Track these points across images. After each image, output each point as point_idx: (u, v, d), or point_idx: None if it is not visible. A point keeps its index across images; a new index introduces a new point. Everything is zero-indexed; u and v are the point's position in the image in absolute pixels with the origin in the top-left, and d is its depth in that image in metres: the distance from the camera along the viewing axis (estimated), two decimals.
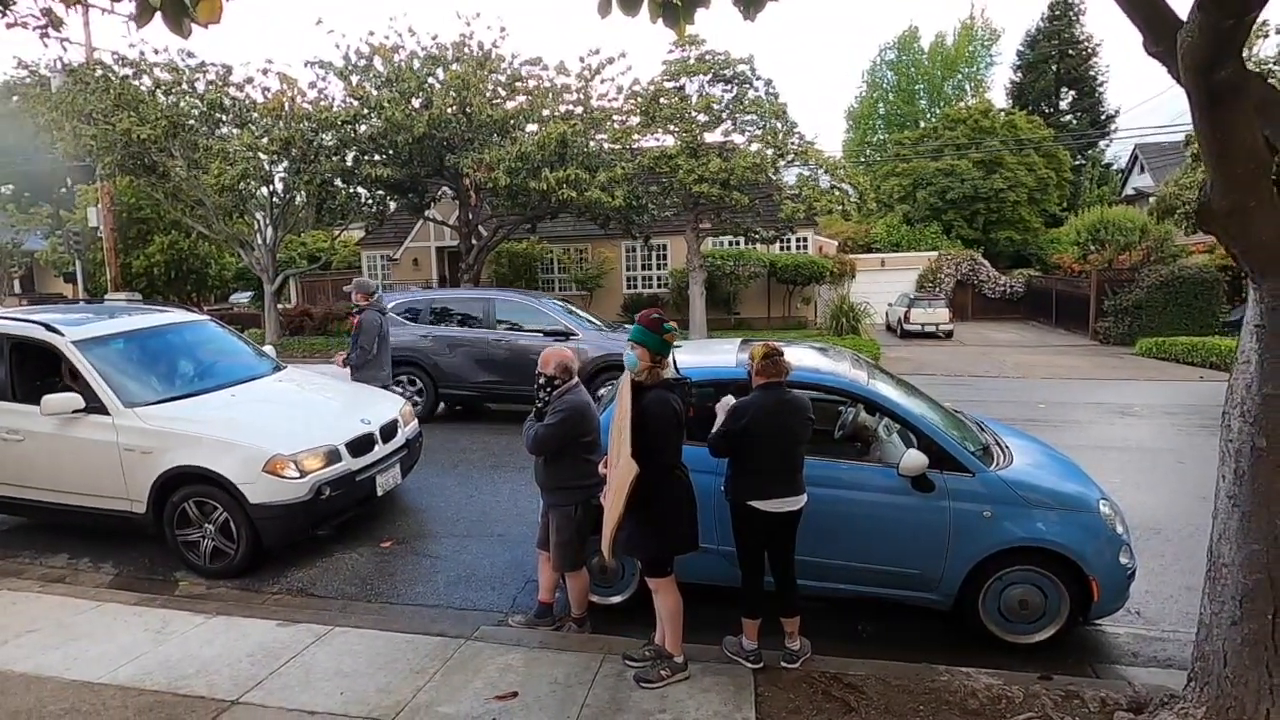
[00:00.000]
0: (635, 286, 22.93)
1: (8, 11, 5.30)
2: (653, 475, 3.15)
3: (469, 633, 3.88)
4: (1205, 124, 2.31)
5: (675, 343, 3.39)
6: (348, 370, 7.04)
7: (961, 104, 35.04)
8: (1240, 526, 2.67)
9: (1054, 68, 36.56)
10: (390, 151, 15.36)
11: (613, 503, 3.12)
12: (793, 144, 15.93)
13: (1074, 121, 36.52)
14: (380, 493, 5.33)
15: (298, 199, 17.74)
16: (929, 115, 39.47)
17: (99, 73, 15.98)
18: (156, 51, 16.36)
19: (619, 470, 3.09)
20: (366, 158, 15.72)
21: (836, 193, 16.45)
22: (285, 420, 5.12)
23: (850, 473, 4.01)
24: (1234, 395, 2.71)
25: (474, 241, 17.84)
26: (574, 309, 10.21)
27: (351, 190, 17.24)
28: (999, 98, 38.38)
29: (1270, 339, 2.55)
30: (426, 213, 18.56)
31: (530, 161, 14.38)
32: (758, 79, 16.30)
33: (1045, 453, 4.59)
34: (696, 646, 3.58)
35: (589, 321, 9.86)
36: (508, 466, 7.13)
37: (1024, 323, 24.89)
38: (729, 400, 3.52)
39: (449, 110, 14.80)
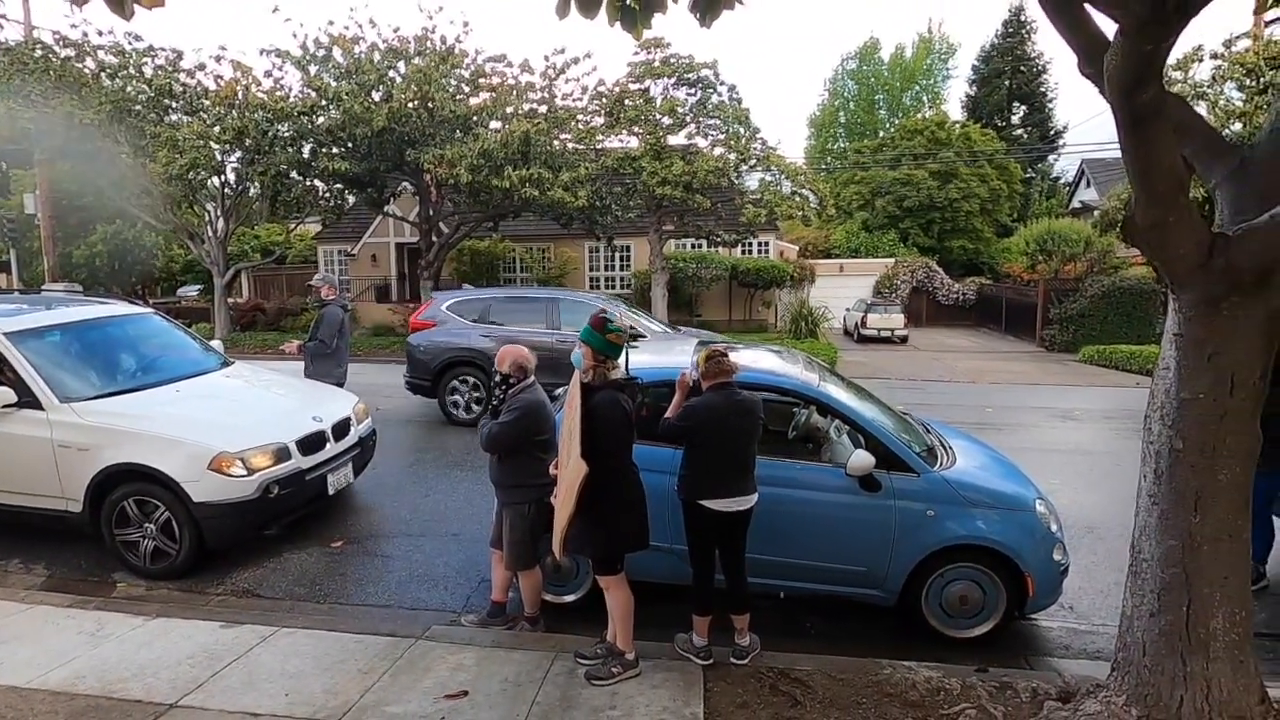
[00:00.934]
0: (598, 287, 22.91)
1: None
2: (602, 474, 3.18)
3: (420, 632, 3.85)
4: (1129, 142, 2.45)
5: (626, 343, 3.42)
6: (301, 363, 6.91)
7: (919, 115, 36.00)
8: (1159, 524, 2.83)
9: (1007, 83, 37.80)
10: (349, 144, 15.10)
11: (563, 502, 3.14)
12: (755, 149, 16.18)
13: (1025, 135, 37.80)
14: (331, 491, 5.23)
15: (251, 190, 17.28)
16: (888, 125, 40.40)
17: (38, 53, 15.31)
18: (101, 34, 15.72)
19: (569, 470, 3.11)
20: (324, 150, 15.41)
21: (797, 198, 16.75)
22: (232, 416, 5.00)
23: (801, 473, 4.10)
24: (1154, 400, 2.86)
25: (435, 239, 17.63)
26: (634, 310, 10.07)
27: (308, 183, 16.87)
28: (955, 110, 39.54)
29: (1187, 346, 2.71)
30: (386, 208, 18.28)
31: (493, 159, 14.29)
32: (721, 84, 16.51)
33: (987, 454, 4.77)
34: (648, 644, 3.62)
35: (654, 323, 9.69)
36: (464, 466, 7.06)
37: (976, 329, 25.66)
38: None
39: (410, 104, 14.61)
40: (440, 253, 17.80)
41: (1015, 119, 38.59)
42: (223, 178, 16.95)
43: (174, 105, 16.24)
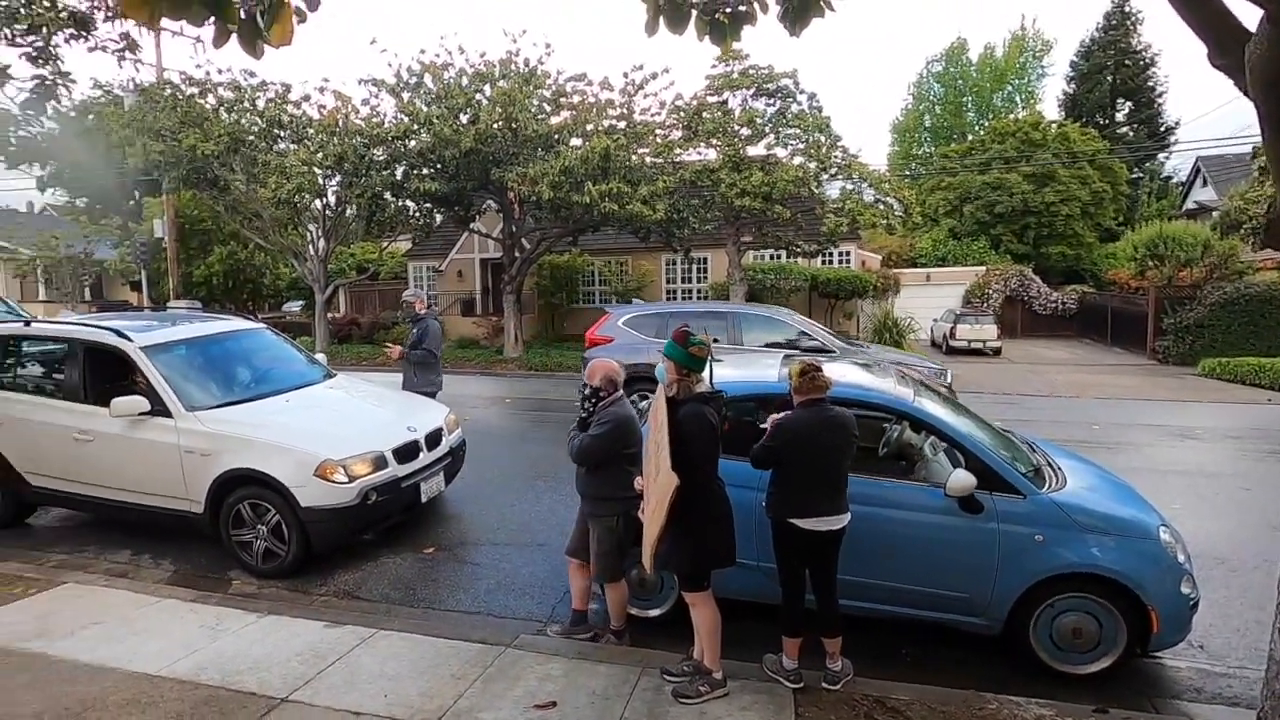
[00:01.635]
0: (675, 299, 22.93)
1: (90, 36, 5.65)
2: (689, 489, 3.14)
3: (508, 640, 3.92)
4: (1275, 138, 2.23)
5: (709, 356, 3.38)
6: (396, 373, 7.24)
7: (1011, 116, 34.28)
8: None
9: (1109, 78, 35.47)
10: (438, 166, 15.76)
11: (653, 515, 3.13)
12: (836, 157, 15.83)
13: (1131, 134, 35.31)
14: (424, 499, 5.44)
15: (349, 212, 18.33)
16: (977, 128, 38.67)
17: (168, 92, 16.82)
18: (220, 71, 17.18)
19: (659, 483, 3.09)
20: (415, 172, 16.18)
21: (881, 207, 16.24)
22: (335, 426, 5.28)
23: (895, 491, 3.93)
24: None
25: (517, 254, 18.13)
26: (814, 323, 9.88)
27: (400, 203, 17.74)
28: (1051, 110, 37.41)
29: None
30: (471, 225, 18.96)
31: (574, 175, 14.59)
32: (801, 93, 16.27)
33: (1100, 476, 4.44)
34: (735, 663, 3.55)
35: (835, 337, 9.49)
36: (547, 477, 7.19)
37: (1076, 340, 24.06)
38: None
39: (495, 125, 15.12)
40: (523, 267, 18.29)
41: (1120, 116, 36.11)
42: (324, 200, 18.08)
43: (282, 134, 17.48)
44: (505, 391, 13.07)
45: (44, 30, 4.75)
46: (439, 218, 19.74)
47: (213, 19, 1.96)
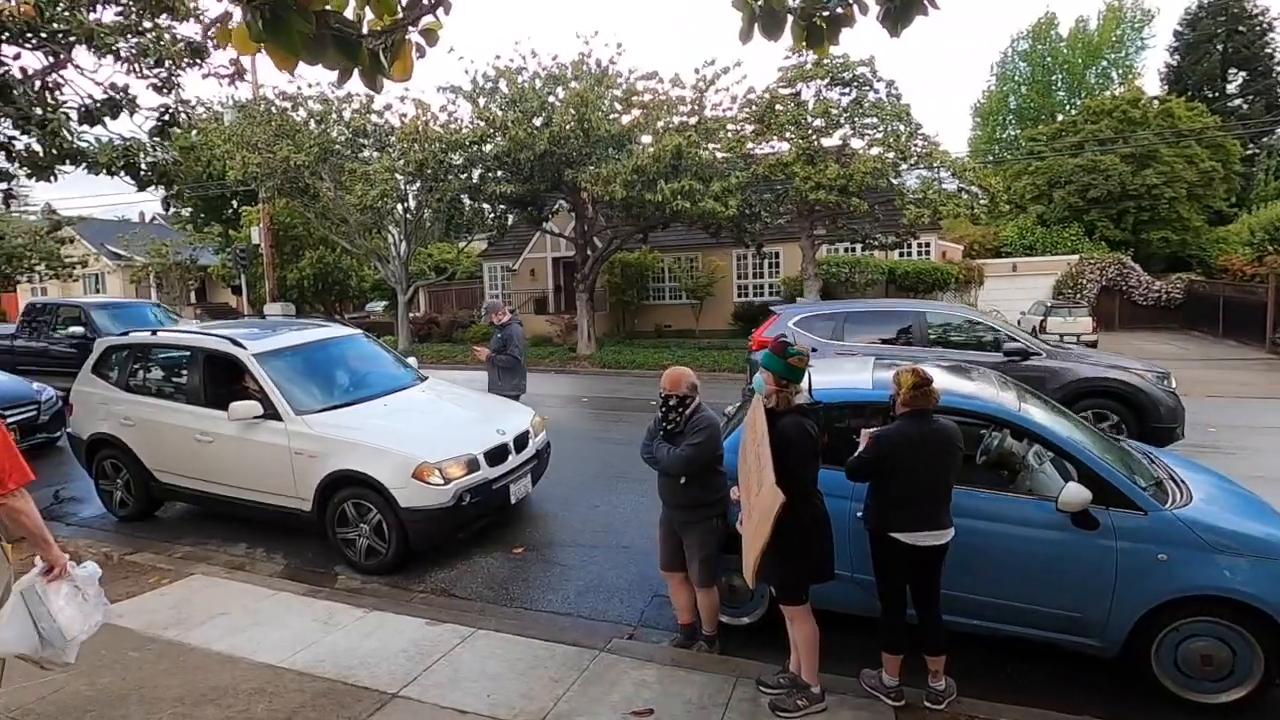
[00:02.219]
0: (746, 295, 22.71)
1: (204, 64, 6.04)
2: (789, 502, 3.11)
3: (601, 644, 3.99)
4: None
5: (807, 366, 3.32)
6: (475, 371, 7.46)
7: (1107, 93, 32.11)
8: None
9: (1220, 48, 32.73)
10: (513, 168, 16.12)
11: (756, 530, 3.09)
12: (916, 146, 15.24)
13: (1245, 107, 32.48)
14: (514, 500, 5.59)
15: (426, 215, 19.01)
16: (1068, 107, 36.46)
17: (263, 107, 17.85)
18: (310, 85, 18.04)
19: (762, 498, 3.06)
20: (491, 175, 16.61)
21: (965, 196, 15.55)
22: (431, 429, 5.49)
23: (999, 504, 3.76)
24: None
25: (589, 252, 18.35)
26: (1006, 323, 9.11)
27: (477, 206, 18.27)
28: (1152, 84, 34.88)
29: None
30: (544, 225, 19.32)
31: (646, 174, 14.63)
32: (878, 80, 15.75)
33: (1228, 489, 4.12)
34: (833, 677, 3.49)
35: (1033, 336, 8.74)
36: (626, 478, 7.25)
37: (1183, 333, 22.37)
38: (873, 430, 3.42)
39: (568, 127, 15.33)
40: (594, 266, 18.50)
41: (1231, 88, 33.31)
42: (405, 205, 18.81)
43: (366, 143, 18.29)
44: (581, 390, 13.27)
45: (168, 63, 5.12)
46: (512, 219, 20.22)
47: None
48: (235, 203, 30.32)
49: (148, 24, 5.38)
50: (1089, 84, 37.23)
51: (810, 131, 15.66)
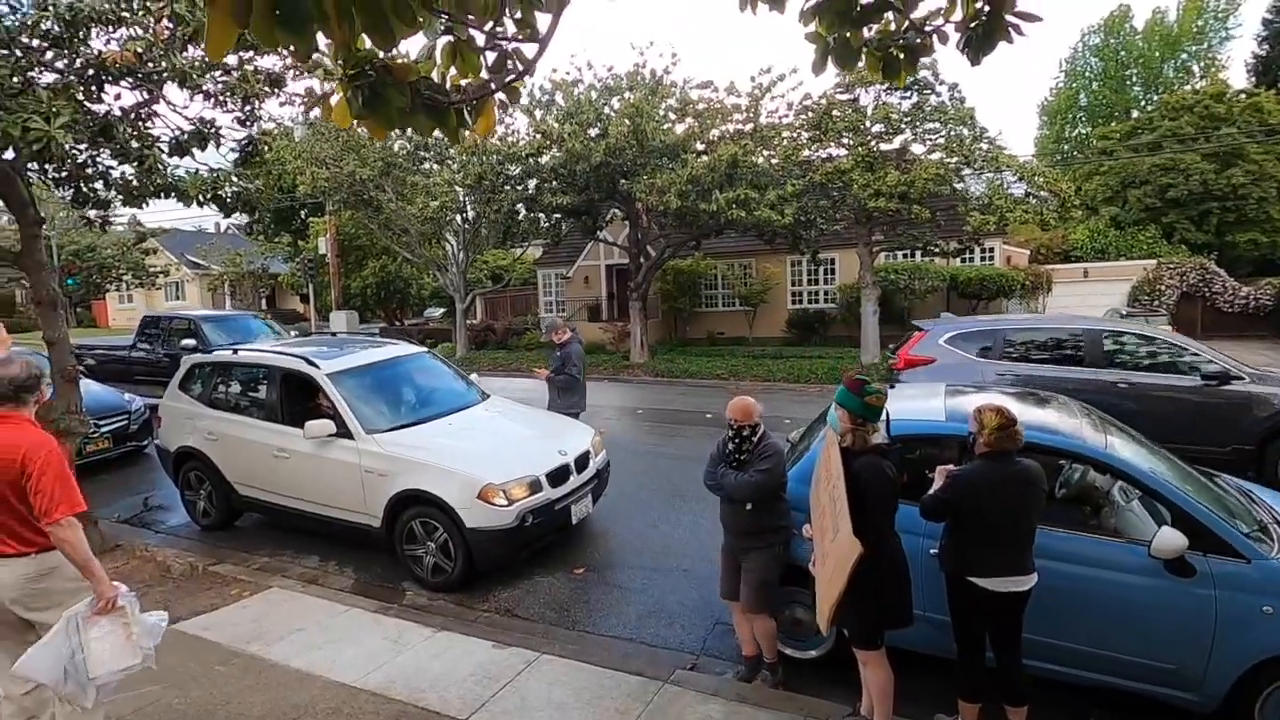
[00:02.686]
0: (800, 302, 22.38)
1: (281, 92, 6.30)
2: (864, 545, 3.03)
3: (665, 675, 3.98)
4: None
5: (885, 405, 3.24)
6: (533, 382, 7.52)
7: (1187, 88, 30.42)
8: None
9: None
10: (569, 179, 16.30)
11: (832, 579, 3.02)
12: (980, 151, 14.74)
13: None
14: (575, 521, 5.64)
15: (483, 227, 19.42)
16: (1143, 103, 34.69)
17: (331, 124, 18.55)
18: None
19: (839, 545, 2.98)
20: (547, 186, 16.84)
21: (1033, 201, 14.95)
22: (494, 450, 5.58)
23: (1084, 546, 3.58)
24: None
25: (642, 260, 18.40)
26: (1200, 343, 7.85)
27: (533, 216, 18.57)
28: (1237, 77, 32.85)
29: None
30: (598, 234, 19.47)
31: (701, 184, 14.59)
32: (941, 84, 15.30)
33: None
34: None
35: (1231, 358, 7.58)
36: (685, 497, 7.22)
37: (1273, 341, 20.97)
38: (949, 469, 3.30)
39: (623, 137, 15.40)
40: (648, 273, 18.53)
41: None
42: (464, 216, 19.26)
43: (427, 156, 18.80)
44: (635, 401, 13.30)
45: (253, 98, 5.36)
46: (567, 227, 20.45)
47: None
48: (303, 214, 31.59)
49: (231, 59, 5.65)
50: (1167, 78, 35.31)
51: (869, 137, 15.33)
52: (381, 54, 1.75)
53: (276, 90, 6.23)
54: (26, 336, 19.60)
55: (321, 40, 1.69)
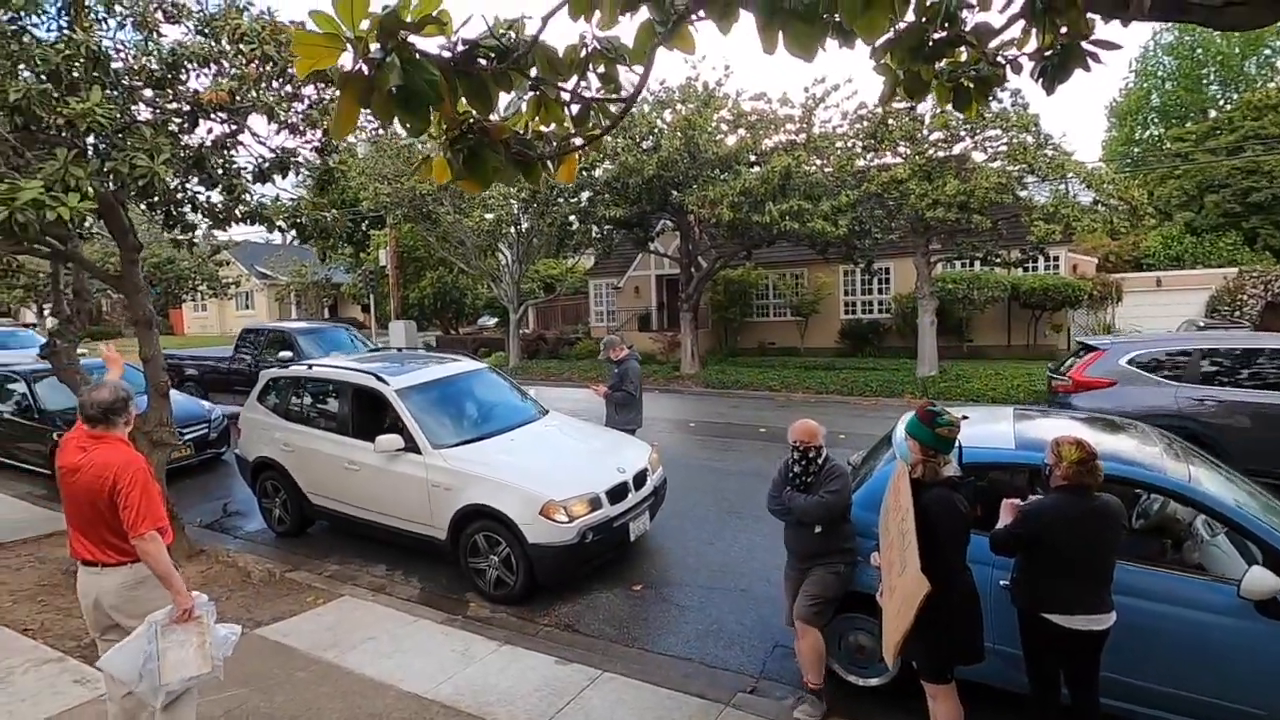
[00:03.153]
0: (854, 312, 22.03)
1: None
2: (933, 579, 3.01)
3: (726, 698, 4.01)
4: None
5: (957, 436, 3.19)
6: (585, 391, 7.58)
7: (1271, 85, 28.79)
8: None
9: None
10: (621, 192, 16.49)
11: (899, 613, 3.00)
12: (1045, 157, 14.28)
13: None
14: (633, 538, 5.71)
15: (535, 239, 19.80)
16: (1222, 103, 32.96)
17: (393, 141, 19.23)
18: None
19: (906, 581, 2.97)
20: (600, 198, 17.07)
21: (1102, 209, 14.39)
22: (555, 466, 5.71)
23: (1166, 583, 3.46)
24: None
25: (693, 271, 18.44)
26: None
27: (585, 228, 18.84)
28: None
29: None
30: (649, 245, 19.60)
31: (753, 195, 14.56)
32: (1002, 90, 14.89)
33: None
34: None
35: None
36: (740, 514, 7.22)
37: None
38: (1017, 502, 3.24)
39: (675, 150, 15.51)
40: (699, 284, 18.56)
41: None
42: (518, 228, 19.68)
43: None
44: (687, 413, 13.32)
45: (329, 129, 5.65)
46: (618, 239, 20.65)
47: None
48: (364, 226, 32.77)
49: (308, 91, 5.96)
50: (1248, 76, 33.48)
51: (926, 146, 15.04)
52: (475, 115, 1.86)
53: None
54: (119, 345, 20.82)
55: None
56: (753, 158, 16.22)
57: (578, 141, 2.31)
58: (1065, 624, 3.06)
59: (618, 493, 5.59)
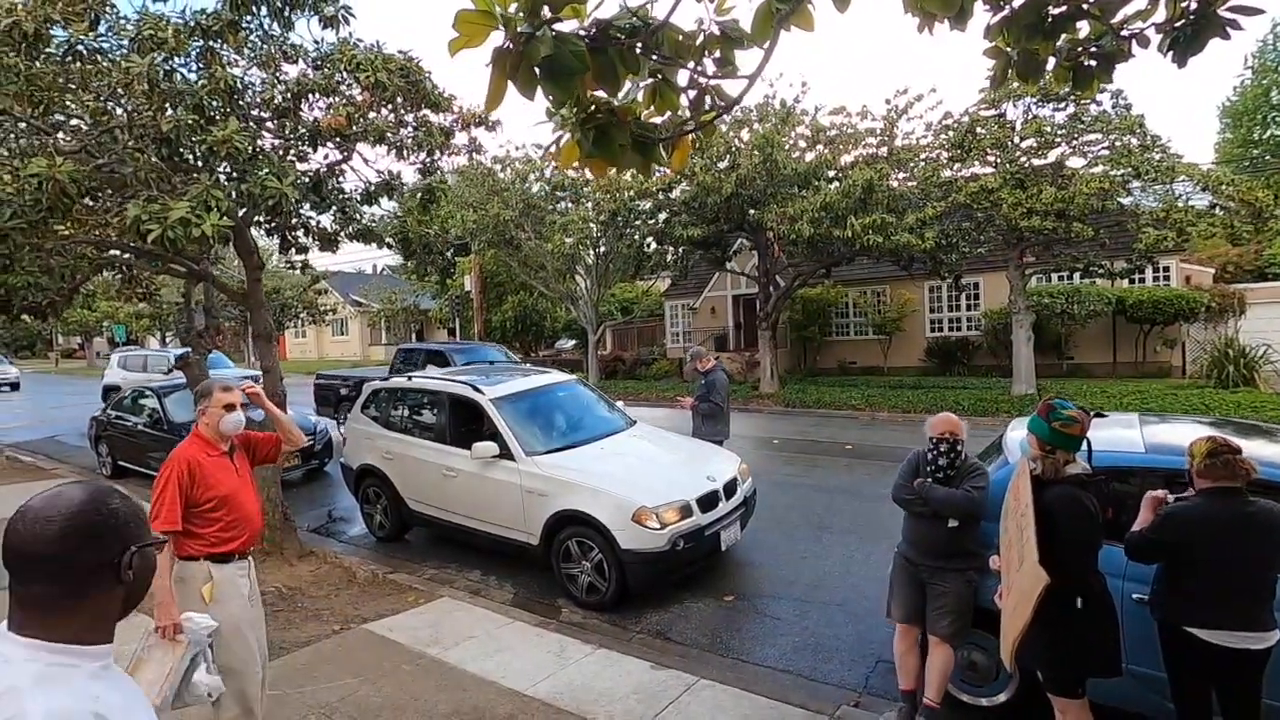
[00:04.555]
0: (940, 329, 21.21)
1: (449, 145, 6.94)
2: (1060, 585, 2.82)
3: (829, 710, 3.86)
4: None
5: (1083, 434, 2.99)
6: (667, 410, 7.59)
7: None
8: None
9: None
10: (698, 212, 16.60)
11: (1016, 611, 2.84)
12: (1152, 160, 13.43)
13: None
14: (724, 547, 5.64)
15: (612, 263, 20.16)
16: None
17: (479, 170, 20.12)
18: (517, 148, 20.01)
19: (1023, 576, 2.81)
20: (678, 219, 17.23)
21: (1221, 213, 13.37)
22: (645, 474, 5.73)
23: None
24: None
25: (771, 290, 18.27)
26: None
27: (662, 249, 19.05)
28: None
29: None
30: (726, 265, 19.59)
31: (834, 210, 14.35)
32: (1102, 91, 14.16)
33: None
34: None
35: None
36: (832, 529, 7.02)
37: None
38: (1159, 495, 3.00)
39: (753, 168, 15.51)
40: (777, 303, 18.37)
41: None
42: (596, 250, 20.10)
43: (563, 195, 19.88)
44: (769, 431, 13.10)
45: (436, 152, 5.99)
46: (695, 259, 20.75)
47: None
48: (449, 253, 34.30)
49: (409, 117, 6.33)
50: None
51: (1018, 153, 14.44)
52: (604, 98, 1.93)
53: (447, 141, 6.90)
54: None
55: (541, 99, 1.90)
56: (832, 173, 16.03)
57: (691, 126, 2.35)
58: (1212, 639, 2.79)
59: (708, 501, 5.55)
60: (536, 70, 1.58)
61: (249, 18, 5.38)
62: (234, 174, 5.03)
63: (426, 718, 3.84)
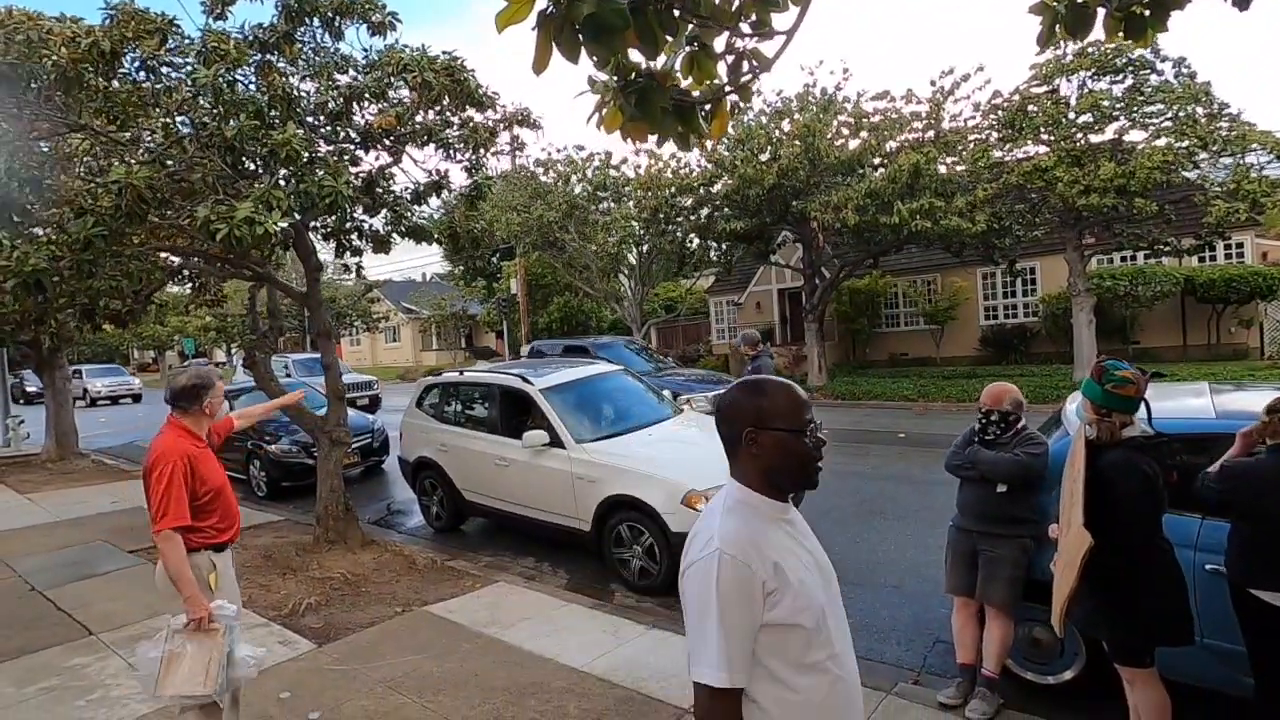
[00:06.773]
0: (995, 317, 20.58)
1: (494, 144, 7.11)
2: (1123, 552, 2.74)
3: (887, 686, 3.82)
4: None
5: (1137, 395, 2.89)
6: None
7: None
8: None
9: None
10: (741, 205, 16.53)
11: (1063, 574, 2.77)
12: (1221, 130, 12.78)
13: None
14: None
15: (655, 262, 20.25)
16: None
17: (522, 174, 20.48)
18: (559, 150, 20.29)
19: (1070, 539, 2.74)
20: (719, 213, 17.20)
21: None
22: (694, 459, 5.74)
23: None
24: None
25: (817, 282, 18.06)
26: None
27: (705, 245, 19.03)
28: None
29: None
30: (771, 258, 19.45)
31: (880, 197, 14.10)
32: (1163, 61, 13.55)
33: None
34: None
35: None
36: (884, 515, 6.91)
37: None
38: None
39: (795, 158, 15.37)
40: (824, 295, 18.14)
41: None
42: (639, 249, 20.22)
43: (605, 195, 20.06)
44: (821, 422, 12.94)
45: (482, 150, 6.16)
46: (738, 254, 20.66)
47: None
48: (494, 258, 34.96)
49: (454, 119, 6.51)
50: None
51: (1074, 130, 13.92)
52: (644, 64, 1.99)
53: (492, 138, 7.07)
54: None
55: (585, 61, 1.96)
56: (876, 160, 15.75)
57: (731, 98, 2.39)
58: (1274, 601, 2.67)
59: None
60: (580, 35, 1.64)
61: (302, 29, 5.65)
62: (292, 177, 5.29)
63: (486, 691, 3.96)
